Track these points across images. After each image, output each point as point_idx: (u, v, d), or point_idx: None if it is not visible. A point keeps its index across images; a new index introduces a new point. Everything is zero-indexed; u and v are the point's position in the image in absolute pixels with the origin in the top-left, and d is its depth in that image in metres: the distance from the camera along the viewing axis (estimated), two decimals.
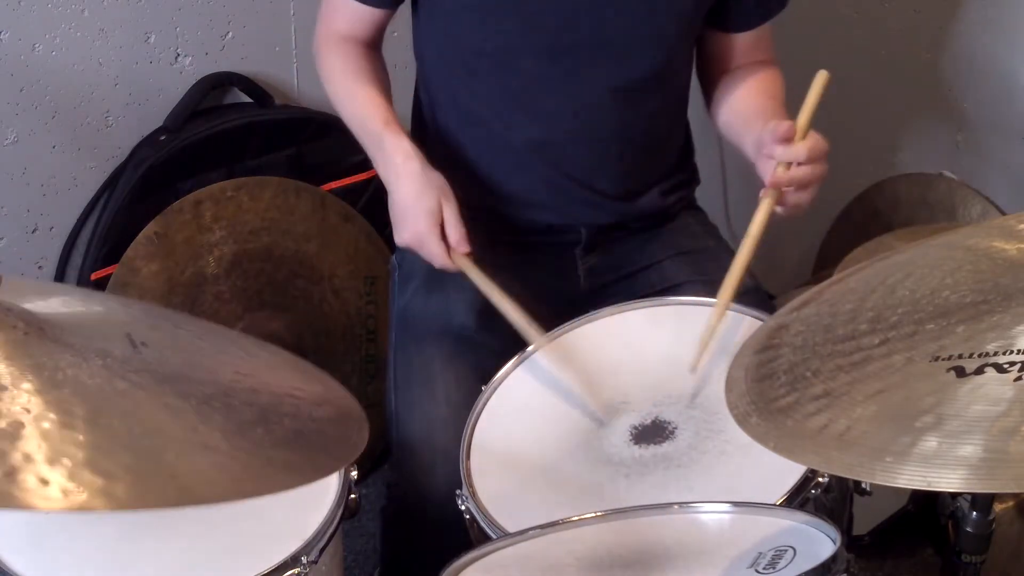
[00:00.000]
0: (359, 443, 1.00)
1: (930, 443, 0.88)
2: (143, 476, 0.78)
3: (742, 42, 1.61)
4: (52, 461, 0.75)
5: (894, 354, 0.99)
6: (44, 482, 0.74)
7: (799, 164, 1.37)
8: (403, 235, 1.46)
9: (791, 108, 1.49)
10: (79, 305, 1.00)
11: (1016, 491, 1.54)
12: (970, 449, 0.87)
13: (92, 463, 0.76)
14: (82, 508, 0.73)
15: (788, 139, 1.37)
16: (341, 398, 1.07)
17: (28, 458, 0.75)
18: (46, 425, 0.78)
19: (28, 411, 0.78)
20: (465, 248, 1.44)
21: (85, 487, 0.74)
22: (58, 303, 0.96)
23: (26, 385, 0.80)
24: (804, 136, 1.38)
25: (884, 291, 1.09)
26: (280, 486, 0.91)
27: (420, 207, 1.44)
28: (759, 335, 1.13)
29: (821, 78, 1.40)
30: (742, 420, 1.01)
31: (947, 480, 0.86)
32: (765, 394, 1.02)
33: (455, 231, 1.44)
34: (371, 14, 1.58)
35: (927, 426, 0.90)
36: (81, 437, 0.78)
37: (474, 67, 1.53)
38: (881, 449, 0.90)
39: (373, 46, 1.63)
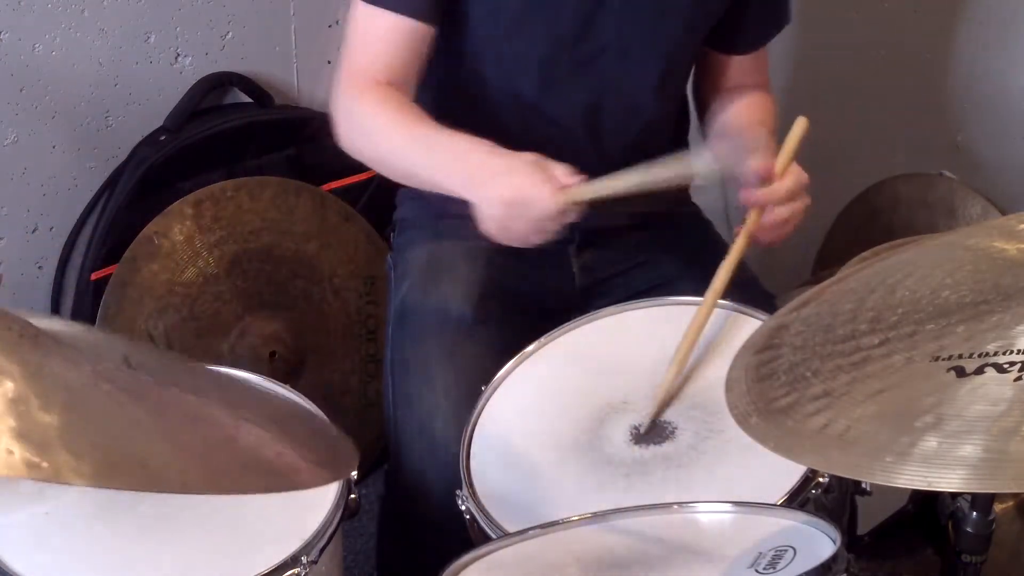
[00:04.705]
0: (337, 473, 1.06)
1: (930, 443, 0.88)
2: (112, 458, 0.80)
3: (739, 64, 1.63)
4: (22, 436, 0.77)
5: (894, 354, 0.99)
6: (9, 452, 0.76)
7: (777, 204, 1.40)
8: (503, 191, 1.33)
9: (791, 109, 1.48)
10: (80, 329, 1.01)
11: (1016, 491, 1.54)
12: (970, 449, 0.87)
13: (64, 442, 0.78)
14: (48, 479, 0.76)
15: (768, 179, 1.39)
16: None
17: None
18: (23, 407, 0.79)
19: (6, 393, 0.80)
20: (574, 179, 1.34)
21: (51, 462, 0.77)
22: (59, 324, 0.97)
23: (9, 369, 0.81)
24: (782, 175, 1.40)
25: (884, 291, 1.09)
26: (250, 488, 0.94)
27: (518, 162, 1.35)
28: (759, 335, 1.13)
29: (799, 126, 1.42)
30: (742, 420, 1.02)
31: (947, 480, 0.87)
32: (765, 394, 1.02)
33: (561, 167, 1.34)
34: (410, 35, 1.46)
35: (927, 426, 0.90)
36: (57, 419, 0.79)
37: (490, 72, 1.53)
38: (881, 449, 0.90)
39: (409, 91, 1.49)
